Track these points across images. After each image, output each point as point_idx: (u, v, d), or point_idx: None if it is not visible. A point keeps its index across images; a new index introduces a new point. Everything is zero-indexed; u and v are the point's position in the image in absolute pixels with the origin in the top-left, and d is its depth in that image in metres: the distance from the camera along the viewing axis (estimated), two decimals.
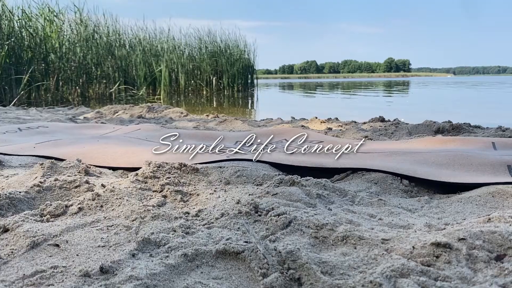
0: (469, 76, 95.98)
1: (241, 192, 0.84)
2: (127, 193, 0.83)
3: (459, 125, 1.99)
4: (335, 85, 22.83)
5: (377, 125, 2.33)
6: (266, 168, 1.01)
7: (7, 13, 7.51)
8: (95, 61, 9.38)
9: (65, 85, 8.60)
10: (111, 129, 1.94)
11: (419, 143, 1.45)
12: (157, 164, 0.96)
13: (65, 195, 0.88)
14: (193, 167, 0.97)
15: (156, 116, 3.09)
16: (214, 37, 12.96)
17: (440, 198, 0.85)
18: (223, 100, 9.21)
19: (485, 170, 1.00)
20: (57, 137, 1.64)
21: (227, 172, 0.95)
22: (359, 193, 0.85)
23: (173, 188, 0.87)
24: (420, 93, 11.44)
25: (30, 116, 2.90)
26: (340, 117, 3.37)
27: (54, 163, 1.05)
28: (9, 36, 7.24)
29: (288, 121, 2.70)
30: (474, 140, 1.42)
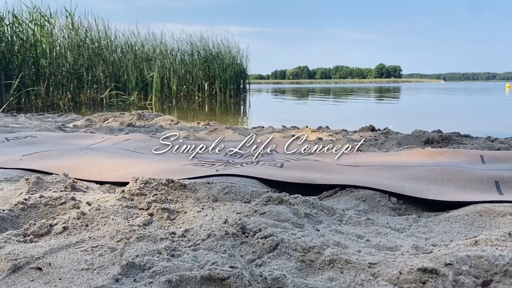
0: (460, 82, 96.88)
1: (229, 210, 0.83)
2: (113, 211, 0.82)
3: (448, 135, 2.00)
4: (327, 91, 22.94)
5: (367, 134, 2.34)
6: (254, 184, 1.01)
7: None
8: (86, 66, 9.32)
9: (55, 91, 8.55)
10: (100, 139, 1.92)
11: (408, 155, 1.46)
12: (144, 181, 0.95)
13: (50, 213, 0.87)
14: (181, 183, 0.96)
15: (147, 124, 3.07)
16: (207, 43, 12.96)
17: (428, 216, 0.85)
18: (215, 106, 9.21)
19: (473, 186, 1.00)
20: (45, 148, 1.62)
21: (215, 188, 0.94)
22: (347, 211, 0.84)
23: (159, 206, 0.86)
24: (411, 99, 11.52)
25: (18, 124, 2.87)
26: (331, 125, 3.38)
27: (40, 178, 1.03)
28: (0, 41, 7.18)
29: (279, 129, 2.69)
30: (463, 153, 1.43)
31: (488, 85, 35.24)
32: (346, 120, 5.19)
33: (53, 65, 8.38)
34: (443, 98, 12.01)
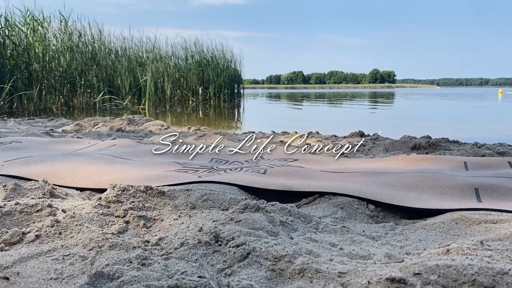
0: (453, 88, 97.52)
1: (205, 218, 0.83)
2: (88, 219, 0.81)
3: (435, 141, 2.01)
4: (321, 96, 23.01)
5: (355, 140, 2.34)
6: (234, 191, 1.00)
7: None
8: (80, 70, 9.29)
9: (48, 95, 8.51)
10: (86, 144, 1.91)
11: (393, 162, 1.46)
12: (121, 188, 0.94)
13: (25, 220, 0.86)
14: (159, 190, 0.96)
15: (136, 129, 3.06)
16: (201, 47, 12.98)
17: (405, 224, 0.85)
18: (209, 111, 9.21)
19: (453, 193, 1.00)
20: (28, 154, 1.61)
21: (194, 195, 0.94)
22: (324, 218, 0.84)
23: (136, 214, 0.85)
24: (404, 105, 11.57)
25: (7, 128, 2.85)
26: (322, 130, 3.38)
27: (17, 184, 1.02)
28: None
29: (269, 135, 2.69)
30: (447, 159, 1.43)
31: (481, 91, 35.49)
32: (338, 125, 5.20)
33: (46, 69, 8.35)
34: (436, 103, 12.07)
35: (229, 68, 13.08)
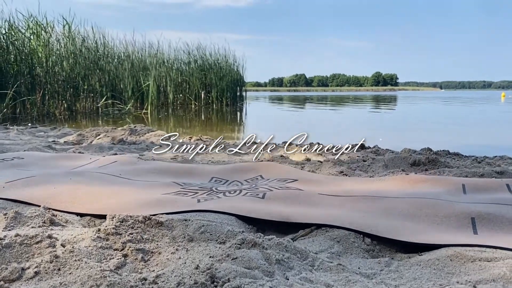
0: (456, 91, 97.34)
1: (202, 252, 0.83)
2: (86, 253, 0.82)
3: (434, 157, 2.01)
4: (324, 98, 23.04)
5: (355, 154, 2.35)
6: (232, 222, 1.01)
7: None
8: (83, 75, 9.32)
9: (51, 100, 8.54)
10: (87, 160, 1.92)
11: (391, 183, 1.47)
12: (120, 219, 0.95)
13: (25, 253, 0.87)
14: (158, 221, 0.96)
15: (138, 139, 3.07)
16: (204, 51, 13.02)
17: (400, 259, 0.85)
18: (211, 115, 9.23)
19: (449, 223, 1.01)
20: (30, 173, 1.62)
21: (192, 226, 0.95)
22: (321, 254, 0.85)
23: (134, 246, 0.86)
24: (407, 109, 11.57)
25: (9, 140, 2.87)
26: (324, 136, 3.39)
27: (18, 213, 1.03)
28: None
29: (270, 148, 2.70)
30: (445, 181, 1.44)
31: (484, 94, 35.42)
32: (340, 132, 5.21)
33: (49, 74, 8.39)
34: (439, 108, 12.07)
35: (232, 72, 13.12)
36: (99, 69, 9.81)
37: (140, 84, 10.39)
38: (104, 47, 10.34)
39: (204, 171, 1.69)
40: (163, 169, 1.69)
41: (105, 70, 9.90)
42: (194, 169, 1.73)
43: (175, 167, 1.74)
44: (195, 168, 1.74)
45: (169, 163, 1.85)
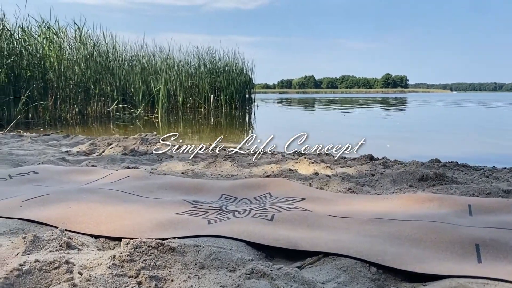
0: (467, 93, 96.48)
1: (213, 281, 0.87)
2: (102, 281, 0.86)
3: (442, 173, 2.03)
4: (333, 101, 23.01)
5: (364, 168, 2.37)
6: (241, 248, 1.04)
7: (7, 33, 7.59)
8: (94, 79, 9.44)
9: (63, 104, 8.66)
10: (100, 174, 1.97)
11: (399, 201, 1.49)
12: (134, 245, 0.99)
13: (44, 278, 0.91)
14: (170, 247, 1.00)
15: (149, 149, 3.12)
16: (213, 55, 13.10)
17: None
18: (220, 118, 9.28)
19: (454, 250, 1.03)
20: (45, 189, 1.67)
21: (203, 253, 0.98)
22: (327, 284, 0.88)
23: (148, 274, 0.90)
24: (417, 113, 11.53)
25: (23, 150, 2.94)
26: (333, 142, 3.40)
27: (36, 236, 1.08)
28: (9, 56, 7.31)
29: (278, 159, 2.73)
30: (451, 201, 1.46)
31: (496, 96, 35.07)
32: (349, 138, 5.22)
33: (61, 79, 8.50)
34: (449, 111, 12.00)
35: (241, 75, 13.19)
36: (110, 73, 9.92)
37: (150, 88, 10.49)
38: (115, 51, 10.46)
39: (214, 187, 1.73)
40: (174, 185, 1.73)
41: (116, 74, 10.01)
42: (204, 184, 1.77)
43: (186, 182, 1.78)
44: (206, 184, 1.77)
45: (180, 178, 1.89)
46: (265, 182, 1.77)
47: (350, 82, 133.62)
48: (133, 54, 11.33)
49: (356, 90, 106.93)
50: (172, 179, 1.84)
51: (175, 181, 1.81)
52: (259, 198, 1.60)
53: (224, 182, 1.82)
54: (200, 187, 1.74)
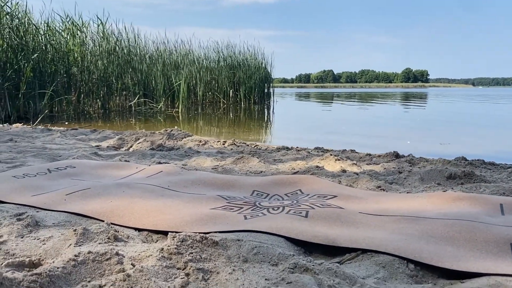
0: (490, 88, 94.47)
1: (258, 274, 0.91)
2: (154, 272, 0.92)
3: (470, 171, 2.03)
4: (352, 96, 22.84)
5: (390, 166, 2.38)
6: (281, 244, 1.09)
7: (33, 28, 7.76)
8: (116, 74, 9.59)
9: (86, 98, 8.83)
10: (134, 169, 2.04)
11: (429, 200, 1.51)
12: (180, 239, 1.04)
13: (98, 268, 0.97)
14: (213, 240, 1.05)
15: (176, 144, 3.19)
16: (233, 49, 13.15)
17: (443, 285, 0.91)
18: (239, 114, 9.34)
19: (489, 249, 1.05)
20: (84, 182, 1.74)
21: (245, 247, 1.03)
22: (368, 279, 0.91)
23: (195, 266, 0.95)
24: (439, 108, 11.38)
25: (56, 144, 3.03)
26: (356, 143, 3.41)
27: (86, 229, 1.14)
28: (34, 51, 7.47)
29: (304, 155, 2.76)
30: (483, 200, 1.47)
31: None
32: (372, 134, 5.21)
33: (84, 73, 8.67)
34: (471, 106, 11.81)
35: (260, 70, 13.21)
36: (132, 68, 10.07)
37: (171, 83, 10.60)
38: (136, 46, 10.59)
39: (245, 184, 1.78)
40: (207, 181, 1.78)
41: (137, 69, 10.15)
42: (236, 181, 1.81)
43: (218, 179, 1.83)
44: (237, 180, 1.82)
45: (211, 174, 1.94)
46: (295, 179, 1.81)
47: (370, 77, 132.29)
48: (154, 49, 11.47)
49: (376, 85, 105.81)
50: (204, 175, 1.89)
51: (207, 177, 1.86)
52: (290, 195, 1.64)
53: (255, 178, 1.87)
54: (232, 183, 1.78)
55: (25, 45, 7.24)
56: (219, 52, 12.75)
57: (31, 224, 1.23)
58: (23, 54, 7.05)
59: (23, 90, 6.72)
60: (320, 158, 2.57)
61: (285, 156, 2.79)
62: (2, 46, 6.79)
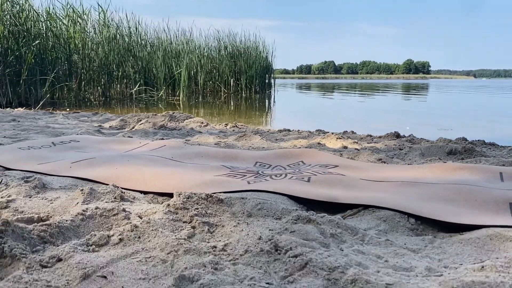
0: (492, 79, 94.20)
1: (262, 226, 0.94)
2: (161, 224, 0.94)
3: (471, 147, 2.05)
4: (353, 86, 22.79)
5: (391, 143, 2.40)
6: (284, 201, 1.11)
7: (34, 15, 7.74)
8: (117, 61, 9.57)
9: (87, 85, 8.83)
10: (137, 144, 2.06)
11: (430, 170, 1.53)
12: (186, 195, 1.06)
13: (105, 223, 0.99)
14: (218, 198, 1.07)
15: (178, 126, 3.21)
16: (234, 39, 13.10)
17: (443, 237, 0.93)
18: (240, 102, 9.33)
19: (488, 208, 1.07)
20: (88, 153, 1.76)
21: (249, 204, 1.05)
22: (369, 231, 0.93)
23: (200, 220, 0.97)
24: (441, 99, 11.37)
25: (59, 124, 3.05)
26: (357, 127, 3.43)
27: (93, 189, 1.16)
28: (35, 38, 7.46)
29: (305, 135, 2.78)
30: (482, 169, 1.49)
31: None
32: (373, 120, 5.23)
33: (85, 61, 8.66)
34: (474, 97, 11.79)
35: (261, 59, 13.18)
36: (133, 56, 10.05)
37: (172, 71, 10.59)
38: (137, 34, 10.56)
39: (248, 156, 1.80)
40: (210, 154, 1.80)
41: (138, 57, 10.14)
42: (238, 154, 1.83)
43: (221, 151, 1.85)
44: (240, 153, 1.84)
45: (214, 148, 1.96)
46: (297, 152, 1.83)
47: (371, 68, 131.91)
48: (155, 37, 11.44)
49: (377, 76, 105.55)
50: (207, 149, 1.91)
51: (210, 150, 1.88)
52: (293, 165, 1.66)
53: (257, 152, 1.89)
54: (235, 156, 1.80)
55: (26, 31, 7.23)
56: (220, 40, 12.71)
57: (39, 186, 1.26)
58: (24, 40, 7.04)
59: (24, 77, 6.72)
60: (321, 137, 2.59)
61: (287, 136, 2.81)
62: (3, 32, 6.78)
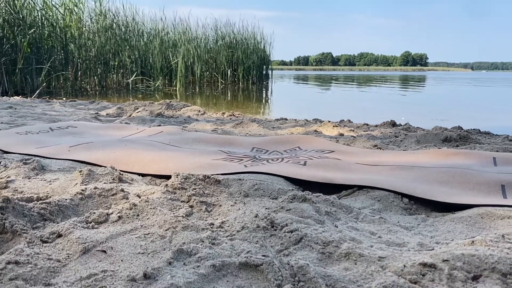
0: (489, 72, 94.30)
1: (258, 205, 0.95)
2: (159, 203, 0.95)
3: (466, 135, 2.07)
4: (350, 78, 22.78)
5: (387, 131, 2.42)
6: (280, 182, 1.12)
7: (29, 3, 7.68)
8: (113, 51, 9.53)
9: (83, 75, 8.80)
10: (135, 130, 2.07)
11: (425, 155, 1.55)
12: (184, 176, 1.08)
13: (104, 202, 1.00)
14: (216, 179, 1.09)
15: (175, 114, 3.21)
16: (232, 28, 13.05)
17: (435, 216, 0.95)
18: (238, 93, 9.33)
19: (480, 189, 1.10)
20: (86, 138, 1.77)
21: (246, 184, 1.06)
22: (363, 209, 0.95)
23: (198, 199, 0.99)
24: (438, 90, 11.39)
25: (55, 111, 3.05)
26: (353, 117, 3.45)
27: (91, 170, 1.17)
28: (31, 26, 7.41)
29: (302, 123, 2.79)
30: (476, 154, 1.51)
31: None
32: (369, 111, 5.25)
33: (81, 50, 8.61)
34: (471, 89, 11.82)
35: (258, 50, 13.14)
36: (129, 46, 10.01)
37: (169, 61, 10.55)
38: (134, 24, 10.51)
39: (245, 142, 1.81)
40: (208, 139, 1.82)
41: (135, 47, 10.10)
42: (235, 140, 1.85)
43: (218, 137, 1.86)
44: (237, 139, 1.85)
45: (211, 134, 1.97)
46: (294, 138, 1.84)
47: (369, 60, 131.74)
48: (152, 27, 11.38)
49: (374, 68, 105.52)
50: (204, 135, 1.92)
51: (208, 136, 1.89)
52: (289, 150, 1.68)
53: (254, 138, 1.90)
54: (232, 141, 1.82)
55: (22, 20, 7.18)
56: (217, 30, 12.66)
57: (37, 168, 1.27)
58: (19, 29, 6.99)
59: (20, 66, 6.69)
60: (318, 125, 2.60)
61: (284, 124, 2.83)
62: None
